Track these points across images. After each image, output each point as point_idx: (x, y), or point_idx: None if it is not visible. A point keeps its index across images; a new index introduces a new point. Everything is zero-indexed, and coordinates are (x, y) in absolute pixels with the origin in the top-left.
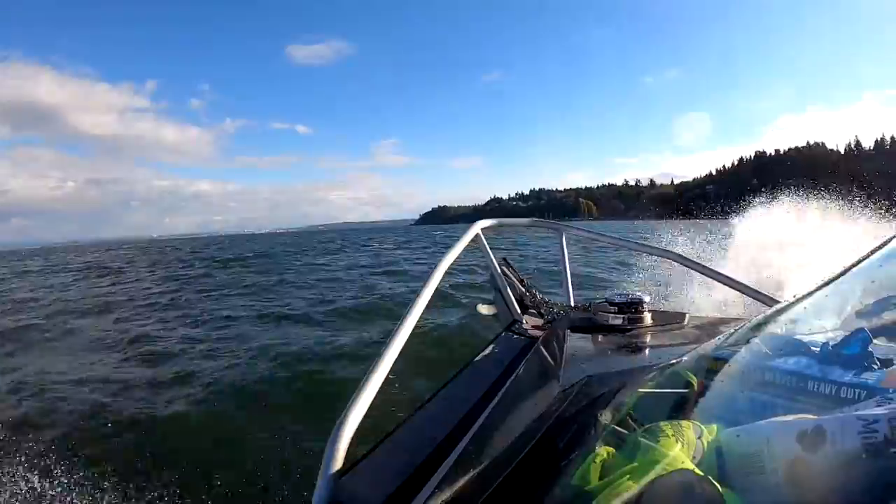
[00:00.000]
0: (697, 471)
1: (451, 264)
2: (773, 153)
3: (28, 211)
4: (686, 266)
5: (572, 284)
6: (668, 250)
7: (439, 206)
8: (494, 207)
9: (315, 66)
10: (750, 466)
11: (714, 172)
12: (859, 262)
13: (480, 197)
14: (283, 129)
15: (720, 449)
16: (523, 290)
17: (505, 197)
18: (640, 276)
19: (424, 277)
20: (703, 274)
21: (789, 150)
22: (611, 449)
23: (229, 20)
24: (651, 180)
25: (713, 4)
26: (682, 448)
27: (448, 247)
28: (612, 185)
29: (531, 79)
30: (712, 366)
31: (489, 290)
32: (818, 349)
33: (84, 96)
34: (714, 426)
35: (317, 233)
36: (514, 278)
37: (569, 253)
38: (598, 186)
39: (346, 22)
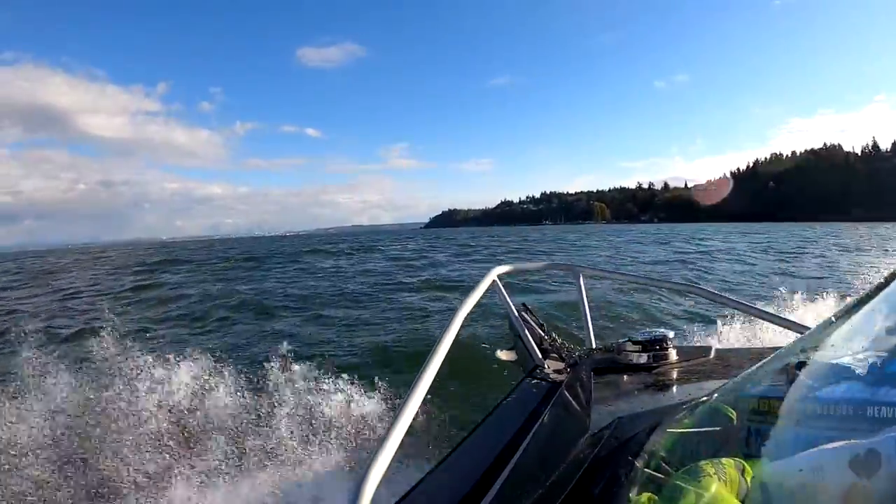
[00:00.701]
0: None
1: (470, 312)
2: (789, 155)
3: (40, 213)
4: (709, 299)
5: (593, 325)
6: (690, 284)
7: (449, 210)
8: (505, 210)
9: (326, 69)
10: (802, 499)
11: (728, 175)
12: (887, 282)
13: (490, 200)
14: (292, 132)
15: (766, 484)
16: (543, 334)
17: (515, 200)
18: None
19: (442, 326)
20: (726, 305)
21: (805, 151)
22: (651, 495)
23: (240, 23)
24: (665, 183)
25: (722, 8)
26: (726, 487)
27: (466, 291)
28: (625, 188)
29: (539, 82)
30: (751, 402)
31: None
32: (864, 371)
33: (95, 99)
34: (759, 461)
35: (325, 235)
36: (532, 323)
37: (587, 292)
38: (609, 189)
39: (358, 24)
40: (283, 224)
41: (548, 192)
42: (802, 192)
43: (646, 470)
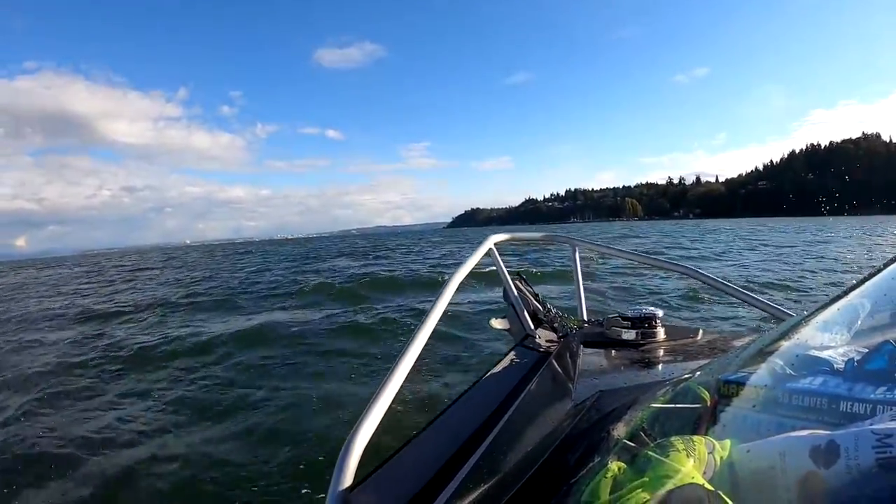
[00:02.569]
0: (708, 486)
1: (464, 279)
2: (826, 145)
3: (64, 219)
4: (699, 280)
5: (585, 299)
6: (680, 264)
7: (472, 209)
8: (529, 209)
9: (345, 70)
10: (762, 482)
11: (761, 168)
12: (873, 274)
13: (511, 199)
14: (313, 134)
15: (732, 464)
16: (537, 304)
17: (540, 198)
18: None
19: (437, 291)
20: (715, 288)
21: (843, 141)
22: (622, 464)
23: (258, 25)
24: (697, 177)
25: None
26: (694, 463)
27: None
28: (653, 183)
29: (556, 79)
30: (728, 387)
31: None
32: (842, 366)
33: (116, 105)
34: (727, 442)
35: (348, 237)
36: (527, 293)
37: (582, 266)
38: (635, 185)
39: (377, 24)
40: (305, 226)
41: (572, 189)
42: (845, 183)
43: (620, 441)
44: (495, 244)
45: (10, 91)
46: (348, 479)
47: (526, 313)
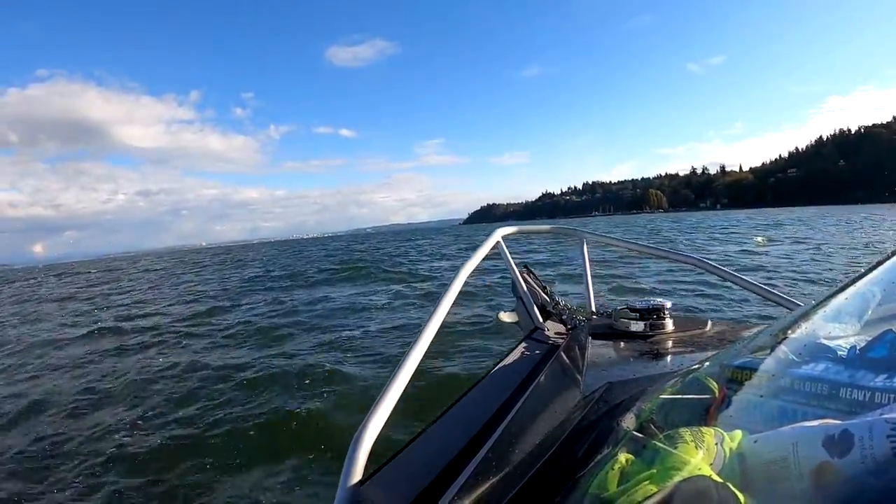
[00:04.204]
0: (716, 477)
1: (472, 271)
2: (856, 130)
3: (81, 224)
4: (706, 270)
5: (594, 291)
6: (688, 255)
7: (488, 205)
8: (547, 203)
9: (357, 68)
10: (774, 473)
11: (786, 155)
12: (882, 262)
13: (528, 193)
14: (327, 133)
15: (742, 455)
16: (545, 296)
17: (557, 192)
18: None
19: (446, 284)
20: (723, 278)
21: (874, 125)
22: (630, 456)
23: (267, 26)
24: (721, 166)
25: None
26: (703, 455)
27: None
28: (674, 174)
29: (569, 72)
30: (734, 372)
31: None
32: (845, 353)
33: (129, 110)
34: (736, 433)
35: (363, 236)
36: (535, 285)
37: (590, 258)
38: (654, 177)
39: (388, 20)
40: (322, 225)
41: (590, 181)
42: (880, 169)
43: (629, 432)
44: (502, 237)
45: (23, 99)
46: (358, 473)
47: (534, 306)
